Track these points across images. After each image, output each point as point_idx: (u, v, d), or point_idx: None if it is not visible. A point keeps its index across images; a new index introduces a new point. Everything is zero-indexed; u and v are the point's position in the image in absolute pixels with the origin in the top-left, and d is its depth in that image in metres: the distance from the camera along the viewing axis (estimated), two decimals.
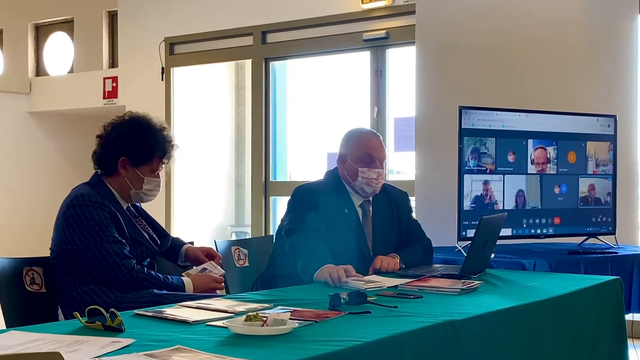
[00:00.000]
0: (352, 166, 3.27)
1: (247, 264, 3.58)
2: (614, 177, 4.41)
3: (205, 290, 2.96)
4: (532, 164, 4.19)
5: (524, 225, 4.18)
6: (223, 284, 3.08)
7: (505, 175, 4.12)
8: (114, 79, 8.22)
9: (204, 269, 3.08)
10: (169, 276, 2.94)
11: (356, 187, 3.29)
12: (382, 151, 3.32)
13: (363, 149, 3.27)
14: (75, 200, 2.85)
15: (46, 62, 9.25)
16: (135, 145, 2.96)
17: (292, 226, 3.13)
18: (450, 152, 4.19)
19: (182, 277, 2.99)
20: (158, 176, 3.03)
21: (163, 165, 3.06)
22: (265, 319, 1.93)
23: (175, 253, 3.23)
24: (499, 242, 3.44)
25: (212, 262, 3.15)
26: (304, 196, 3.23)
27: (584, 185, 4.33)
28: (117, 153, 2.96)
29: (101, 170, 3.00)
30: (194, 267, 3.13)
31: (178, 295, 2.80)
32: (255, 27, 7.03)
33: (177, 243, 3.26)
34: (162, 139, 3.02)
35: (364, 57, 6.64)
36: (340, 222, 3.22)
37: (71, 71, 9.01)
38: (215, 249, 3.43)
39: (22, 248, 7.11)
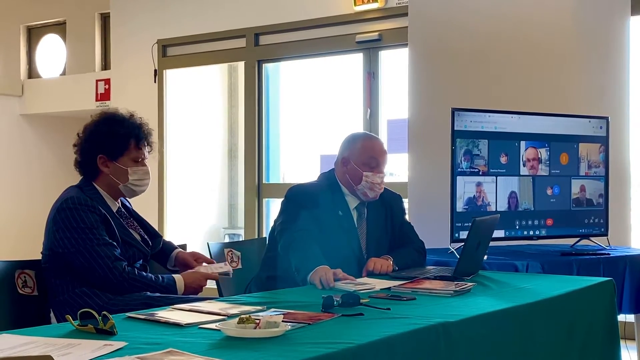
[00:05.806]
0: (355, 169, 3.26)
1: (240, 266, 3.58)
2: (606, 178, 4.42)
3: (196, 288, 2.95)
4: (524, 165, 4.19)
5: (517, 227, 4.19)
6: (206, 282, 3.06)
7: (498, 177, 4.12)
8: (107, 81, 8.21)
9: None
10: (160, 275, 2.93)
11: (358, 191, 3.28)
12: (386, 156, 3.34)
13: (369, 153, 3.28)
14: (64, 203, 2.84)
15: (38, 65, 9.22)
16: (106, 139, 2.94)
17: (285, 226, 3.13)
18: (443, 154, 4.19)
19: (172, 275, 2.98)
20: (143, 164, 3.00)
21: (146, 153, 3.03)
22: (258, 321, 1.93)
23: (166, 256, 3.22)
24: (491, 243, 3.45)
25: (209, 264, 3.14)
26: (297, 197, 3.23)
27: (576, 186, 4.34)
28: (93, 153, 2.95)
29: (87, 176, 2.99)
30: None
31: (170, 298, 2.80)
32: (248, 29, 7.03)
33: (169, 247, 3.25)
34: (131, 125, 2.99)
35: (356, 59, 6.64)
36: (334, 224, 3.21)
37: (63, 73, 8.99)
38: (208, 252, 3.43)
39: (15, 251, 7.08)
